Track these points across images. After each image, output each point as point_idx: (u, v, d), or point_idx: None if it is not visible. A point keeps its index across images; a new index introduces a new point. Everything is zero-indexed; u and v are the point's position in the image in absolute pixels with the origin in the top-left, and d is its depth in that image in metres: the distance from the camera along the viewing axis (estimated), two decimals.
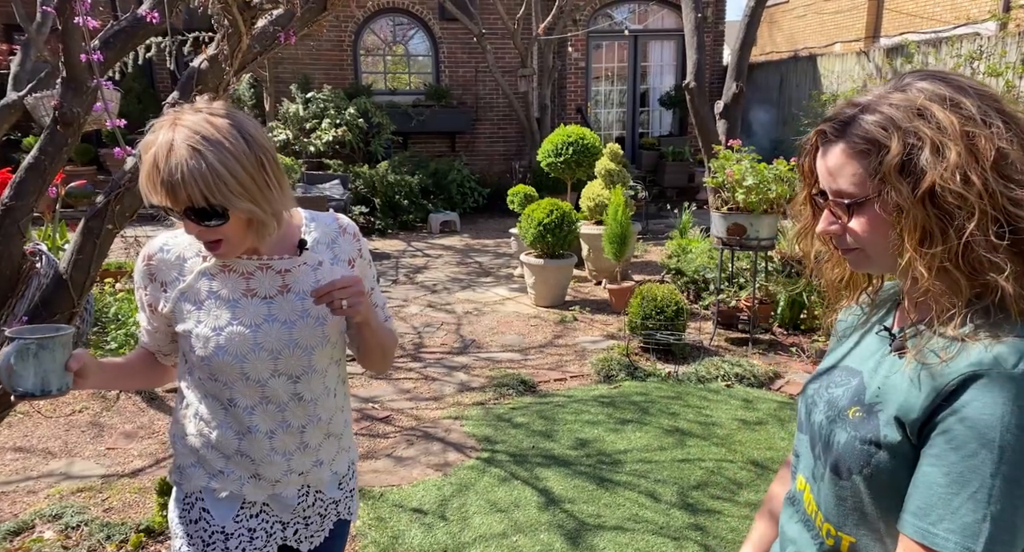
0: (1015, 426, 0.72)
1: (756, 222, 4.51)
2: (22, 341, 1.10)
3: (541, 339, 5.00)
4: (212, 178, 1.07)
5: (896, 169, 0.79)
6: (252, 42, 1.63)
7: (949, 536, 0.74)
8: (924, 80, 0.82)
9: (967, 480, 0.73)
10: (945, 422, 0.76)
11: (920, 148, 0.78)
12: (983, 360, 0.75)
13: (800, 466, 0.99)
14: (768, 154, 4.98)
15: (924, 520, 0.76)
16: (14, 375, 1.10)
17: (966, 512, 0.73)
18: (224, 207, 1.11)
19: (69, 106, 1.95)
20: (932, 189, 0.77)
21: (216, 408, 1.27)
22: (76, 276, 1.78)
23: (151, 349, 1.37)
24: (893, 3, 12.28)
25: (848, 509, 0.86)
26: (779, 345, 4.76)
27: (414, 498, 2.91)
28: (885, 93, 0.83)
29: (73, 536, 2.58)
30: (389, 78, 11.53)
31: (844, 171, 0.84)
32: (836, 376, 0.94)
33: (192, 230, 1.15)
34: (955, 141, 0.76)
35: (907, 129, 0.79)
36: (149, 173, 1.09)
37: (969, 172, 0.76)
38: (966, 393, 0.74)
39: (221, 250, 1.17)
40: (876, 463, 0.82)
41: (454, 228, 9.32)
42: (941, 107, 0.78)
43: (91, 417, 3.66)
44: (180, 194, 1.08)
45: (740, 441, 3.39)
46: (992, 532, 0.72)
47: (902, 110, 0.80)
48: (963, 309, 0.79)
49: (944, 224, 0.77)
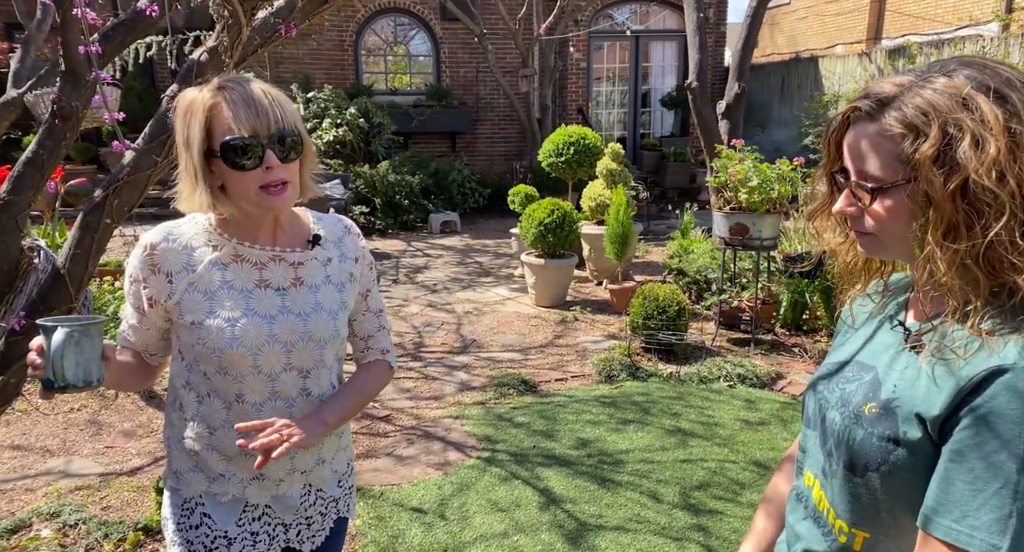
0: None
1: (759, 222, 4.49)
2: (67, 328, 1.02)
3: (542, 339, 4.98)
4: (291, 107, 1.16)
5: (931, 158, 0.75)
6: (252, 34, 1.61)
7: (974, 533, 0.72)
8: (971, 68, 0.78)
9: (992, 476, 0.71)
10: (968, 418, 0.73)
11: (960, 139, 0.74)
12: (1007, 356, 0.73)
13: (808, 462, 0.97)
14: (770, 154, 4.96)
15: (947, 517, 0.74)
16: (57, 365, 1.02)
17: (991, 509, 0.71)
18: (301, 137, 1.17)
19: (68, 99, 1.94)
20: (965, 183, 0.74)
21: (219, 407, 1.24)
22: (74, 271, 1.76)
23: (137, 349, 1.29)
24: (895, 5, 12.28)
25: (863, 506, 0.84)
26: (781, 345, 4.73)
27: (414, 497, 2.89)
28: (929, 76, 0.79)
29: (71, 534, 2.56)
30: (390, 78, 11.53)
31: (874, 153, 0.81)
32: (848, 372, 0.92)
33: (272, 162, 1.13)
34: (996, 136, 0.73)
35: (948, 118, 0.75)
36: (233, 102, 1.12)
37: (1006, 170, 0.73)
38: (990, 388, 0.72)
39: (287, 193, 1.17)
40: (895, 460, 0.80)
41: (455, 228, 9.31)
42: (986, 99, 0.75)
43: (90, 415, 3.64)
44: (272, 115, 1.13)
45: (742, 441, 3.37)
46: (1019, 528, 0.70)
47: (946, 97, 0.76)
48: (982, 306, 0.77)
49: (971, 220, 0.75)
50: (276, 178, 1.15)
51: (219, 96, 1.13)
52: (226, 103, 1.12)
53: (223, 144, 1.11)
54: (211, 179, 1.16)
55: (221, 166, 1.14)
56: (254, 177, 1.14)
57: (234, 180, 1.15)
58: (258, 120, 1.11)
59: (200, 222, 1.25)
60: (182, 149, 1.16)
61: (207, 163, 1.14)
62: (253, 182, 1.14)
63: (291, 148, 1.16)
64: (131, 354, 1.29)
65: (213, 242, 1.22)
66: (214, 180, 1.16)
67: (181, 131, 1.15)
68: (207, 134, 1.13)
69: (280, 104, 1.14)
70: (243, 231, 1.23)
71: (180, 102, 1.17)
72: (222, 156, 1.12)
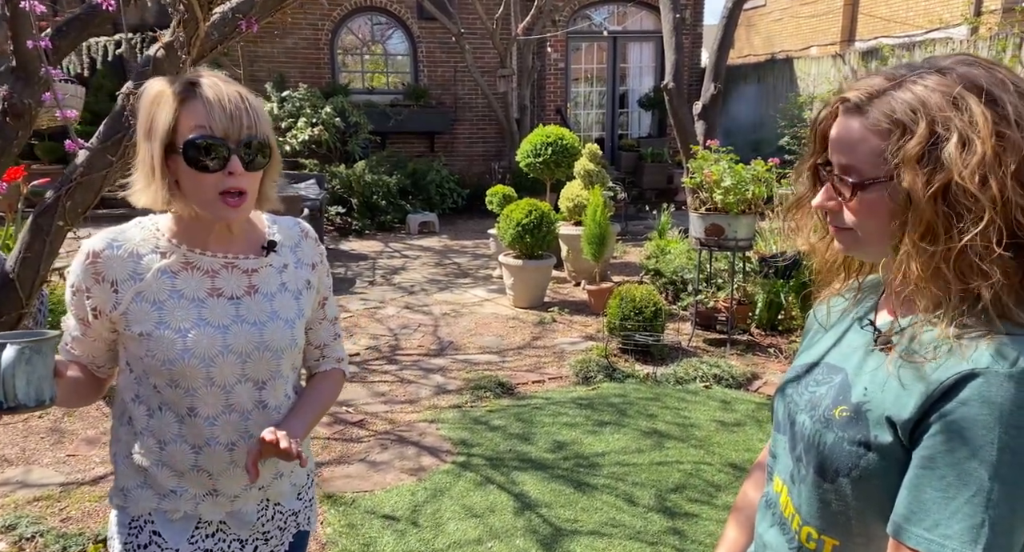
0: (1013, 426, 0.68)
1: (734, 222, 4.50)
2: (17, 345, 0.96)
3: (519, 340, 4.95)
4: (265, 115, 1.13)
5: (915, 157, 0.73)
6: (211, 29, 1.55)
7: (946, 542, 0.70)
8: (966, 65, 0.76)
9: (963, 484, 0.69)
10: (939, 424, 0.71)
11: (946, 139, 0.72)
12: (979, 360, 0.71)
13: (777, 467, 0.95)
14: (745, 155, 4.98)
15: (919, 525, 0.72)
16: (8, 385, 0.95)
17: (963, 517, 0.69)
18: (271, 147, 1.14)
19: (19, 97, 1.86)
20: (948, 185, 0.72)
21: (171, 421, 1.18)
22: (24, 275, 1.69)
23: (82, 362, 1.22)
24: (867, 7, 12.45)
25: (833, 512, 0.82)
26: (757, 346, 4.75)
27: (387, 504, 2.83)
28: (923, 72, 0.77)
29: (27, 548, 2.47)
30: (367, 77, 11.42)
31: (859, 147, 0.78)
32: (818, 374, 0.90)
33: (235, 169, 1.09)
34: (984, 139, 0.71)
35: (937, 117, 0.73)
36: (208, 100, 1.07)
37: (989, 174, 0.70)
38: (961, 394, 0.70)
39: (244, 204, 1.13)
40: (865, 465, 0.78)
41: (433, 229, 9.24)
42: (978, 100, 0.72)
43: (51, 423, 3.53)
44: (245, 120, 1.09)
45: (718, 443, 3.37)
46: (991, 538, 0.68)
47: (937, 95, 0.74)
48: (953, 309, 0.75)
49: (949, 223, 0.72)
50: (235, 185, 1.10)
51: (195, 91, 1.08)
52: (200, 100, 1.07)
53: (188, 141, 1.07)
54: (167, 174, 1.11)
55: (180, 163, 1.09)
56: (213, 180, 1.09)
57: (192, 180, 1.09)
58: (230, 123, 1.07)
59: (147, 227, 1.19)
60: (142, 139, 1.11)
61: (165, 157, 1.09)
62: (212, 186, 1.09)
63: (257, 156, 1.12)
64: (77, 368, 1.22)
65: (162, 249, 1.16)
66: (170, 176, 1.11)
67: (144, 120, 1.10)
68: (173, 128, 1.08)
69: (255, 111, 1.11)
70: (194, 236, 1.18)
71: (147, 90, 1.11)
72: (184, 152, 1.07)
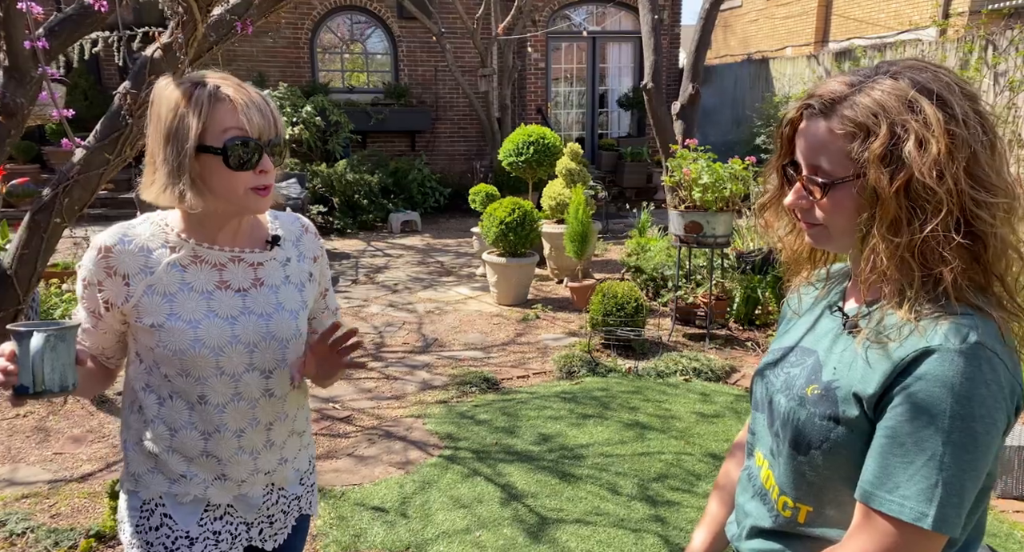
0: (963, 397, 0.76)
1: (712, 220, 4.61)
2: (44, 333, 1.00)
3: (504, 337, 5.01)
4: (279, 114, 1.19)
5: (879, 157, 0.80)
6: (208, 31, 1.60)
7: (904, 502, 0.78)
8: (915, 71, 0.83)
9: (920, 450, 0.77)
10: (900, 396, 0.79)
11: (905, 140, 0.79)
12: (934, 338, 0.79)
13: (757, 444, 1.02)
14: (723, 154, 5.10)
15: (880, 489, 0.80)
16: (37, 370, 1.00)
17: (919, 479, 0.77)
18: (285, 145, 1.21)
19: (12, 96, 1.88)
20: (909, 181, 0.79)
21: (181, 408, 1.23)
22: (21, 272, 1.72)
23: (92, 353, 1.26)
24: (840, 9, 12.69)
25: (807, 482, 0.90)
26: (735, 340, 4.87)
27: (376, 497, 2.88)
28: (876, 77, 0.84)
29: (18, 543, 2.48)
30: (347, 76, 11.40)
31: (826, 149, 0.85)
32: (793, 357, 0.97)
33: (267, 166, 1.17)
34: (938, 137, 0.78)
35: (896, 119, 0.80)
36: (243, 103, 1.13)
37: (945, 170, 0.78)
38: (919, 368, 0.78)
39: (271, 195, 1.20)
40: (835, 438, 0.85)
41: (415, 228, 9.27)
42: (930, 102, 0.80)
43: (36, 422, 3.52)
44: (269, 118, 1.15)
45: (698, 433, 3.46)
46: (944, 496, 0.76)
47: (894, 98, 0.81)
48: (915, 294, 0.82)
49: (912, 216, 0.80)
50: (266, 182, 1.17)
51: (221, 94, 1.13)
52: (231, 103, 1.13)
53: (229, 142, 1.12)
54: (195, 173, 1.14)
55: (212, 162, 1.13)
56: (246, 178, 1.15)
57: (224, 178, 1.14)
58: (264, 123, 1.14)
59: (156, 223, 1.23)
60: (163, 141, 1.13)
61: (195, 157, 1.13)
62: (243, 183, 1.15)
63: (280, 155, 1.20)
64: (88, 359, 1.25)
65: (171, 243, 1.21)
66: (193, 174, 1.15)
67: (165, 122, 1.13)
68: (203, 129, 1.12)
69: (275, 112, 1.18)
70: (202, 231, 1.22)
71: (163, 93, 1.15)
72: (224, 153, 1.12)
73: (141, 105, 1.68)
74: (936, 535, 0.77)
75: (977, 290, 0.82)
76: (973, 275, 0.82)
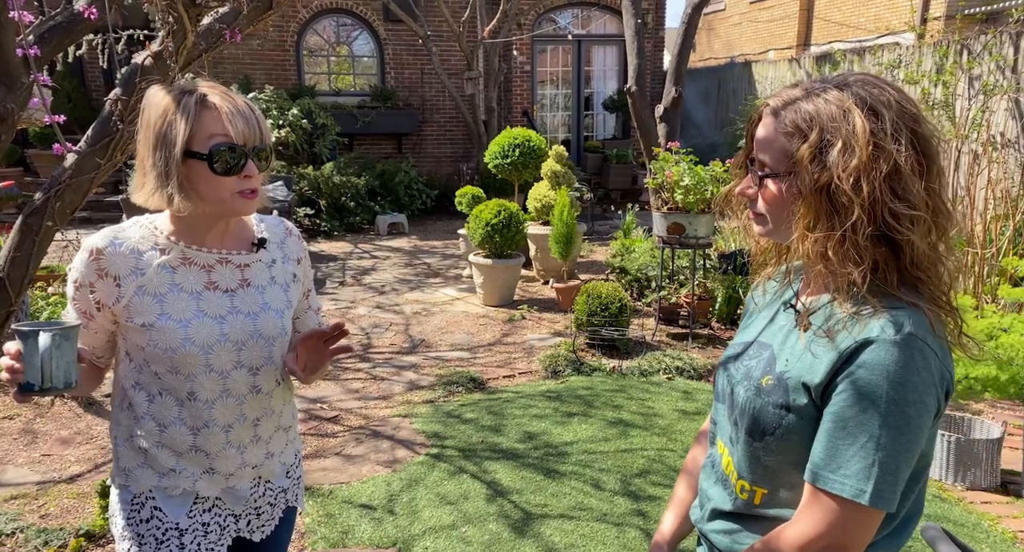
0: (897, 383, 0.83)
1: (694, 221, 4.69)
2: (50, 332, 1.05)
3: (490, 337, 5.07)
4: (265, 121, 1.24)
5: (807, 157, 0.88)
6: (198, 39, 1.64)
7: (845, 481, 0.85)
8: (860, 85, 0.90)
9: (860, 432, 0.84)
10: (843, 383, 0.86)
11: (832, 145, 0.87)
12: (873, 330, 0.86)
13: (719, 432, 1.09)
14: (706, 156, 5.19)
15: (824, 469, 0.87)
16: (45, 368, 1.05)
17: (859, 459, 0.84)
18: (271, 151, 1.26)
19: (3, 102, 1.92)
20: (829, 184, 0.86)
21: (171, 404, 1.27)
22: (14, 274, 1.76)
23: (83, 353, 1.30)
24: (822, 12, 12.88)
25: (762, 466, 0.97)
26: (717, 339, 4.95)
27: (363, 494, 2.93)
28: (827, 87, 0.91)
29: (8, 543, 2.50)
30: (333, 79, 11.41)
31: (770, 145, 0.94)
32: (751, 350, 1.04)
33: (252, 172, 1.22)
34: (862, 147, 0.85)
35: (828, 126, 0.87)
36: (228, 111, 1.18)
37: (862, 178, 0.85)
38: (860, 357, 0.85)
39: (257, 198, 1.25)
40: (787, 425, 0.92)
41: (402, 230, 9.30)
42: (861, 113, 0.87)
43: (23, 424, 3.54)
44: (256, 129, 1.20)
45: (680, 430, 3.54)
46: (879, 475, 0.83)
47: (832, 106, 0.88)
48: (849, 288, 0.89)
49: (830, 215, 0.87)
50: (251, 187, 1.23)
51: (208, 101, 1.19)
52: (220, 111, 1.18)
53: (214, 149, 1.17)
54: (183, 177, 1.20)
55: (198, 167, 1.18)
56: (231, 182, 1.20)
57: (210, 183, 1.20)
58: (248, 130, 1.19)
59: (145, 226, 1.28)
60: (152, 146, 1.19)
61: (182, 162, 1.19)
62: (228, 187, 1.21)
63: (265, 161, 1.25)
64: (89, 357, 1.30)
65: (160, 245, 1.26)
66: (183, 178, 1.20)
67: (155, 128, 1.19)
68: (190, 136, 1.17)
69: (261, 119, 1.23)
70: (191, 234, 1.27)
71: (154, 100, 1.20)
72: (209, 159, 1.18)
73: (131, 111, 1.72)
74: (874, 510, 0.84)
75: (910, 287, 0.89)
76: (901, 273, 0.89)
